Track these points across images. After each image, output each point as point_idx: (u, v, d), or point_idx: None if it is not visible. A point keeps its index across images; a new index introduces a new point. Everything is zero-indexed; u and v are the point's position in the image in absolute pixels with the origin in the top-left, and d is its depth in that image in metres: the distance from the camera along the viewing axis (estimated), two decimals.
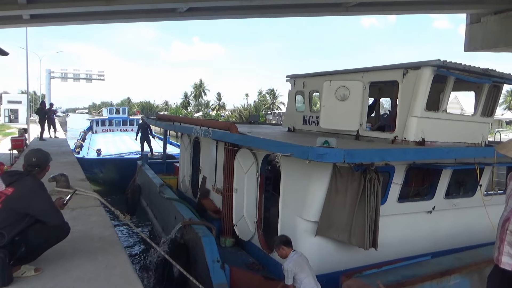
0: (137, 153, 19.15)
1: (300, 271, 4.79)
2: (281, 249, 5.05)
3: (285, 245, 5.07)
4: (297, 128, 9.24)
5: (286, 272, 4.86)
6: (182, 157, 11.33)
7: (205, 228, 6.81)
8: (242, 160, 7.38)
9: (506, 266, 3.21)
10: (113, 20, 15.26)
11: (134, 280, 4.12)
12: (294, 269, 4.80)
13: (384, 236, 5.68)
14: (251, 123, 13.10)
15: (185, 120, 11.01)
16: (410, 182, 6.94)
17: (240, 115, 66.57)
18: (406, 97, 6.62)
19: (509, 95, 70.11)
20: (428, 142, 6.60)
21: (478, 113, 7.27)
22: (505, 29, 14.18)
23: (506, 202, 3.35)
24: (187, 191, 10.59)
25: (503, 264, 3.23)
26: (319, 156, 4.65)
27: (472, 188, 7.23)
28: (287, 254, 5.03)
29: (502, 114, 57.31)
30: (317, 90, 8.54)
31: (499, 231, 3.34)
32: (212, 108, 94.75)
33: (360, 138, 7.38)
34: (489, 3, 14.05)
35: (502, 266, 3.24)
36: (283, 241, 5.10)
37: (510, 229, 3.19)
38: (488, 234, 7.37)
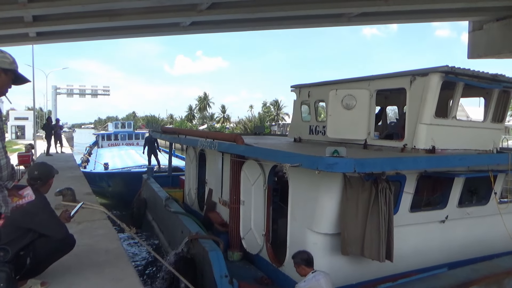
0: (143, 167, 19.13)
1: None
2: (301, 268, 4.79)
3: (306, 265, 4.79)
4: (303, 138, 9.12)
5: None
6: (187, 170, 11.23)
7: (212, 242, 6.66)
8: (248, 172, 7.26)
9: None
10: (117, 36, 15.40)
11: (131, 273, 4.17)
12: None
13: (397, 247, 5.51)
14: (256, 134, 13.01)
15: (190, 133, 10.94)
16: (421, 191, 6.77)
17: (244, 126, 66.63)
18: (414, 105, 6.49)
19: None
20: (438, 150, 6.45)
21: (488, 119, 7.12)
22: (508, 35, 14.11)
23: None
24: (193, 204, 10.47)
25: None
26: (329, 166, 4.53)
27: (485, 196, 7.05)
28: (306, 274, 4.77)
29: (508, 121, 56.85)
30: (323, 100, 8.44)
31: None
32: (217, 120, 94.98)
33: (368, 147, 7.24)
34: (490, 10, 14.00)
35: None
36: (304, 260, 4.82)
37: None
38: (503, 243, 7.18)
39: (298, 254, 4.89)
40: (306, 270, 4.73)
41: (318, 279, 4.60)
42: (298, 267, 4.77)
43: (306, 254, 4.84)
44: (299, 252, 4.92)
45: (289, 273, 6.18)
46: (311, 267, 4.75)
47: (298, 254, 4.89)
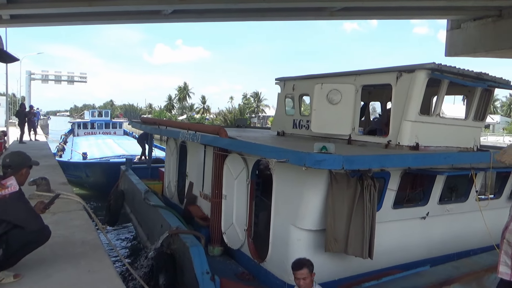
0: (122, 157, 18.82)
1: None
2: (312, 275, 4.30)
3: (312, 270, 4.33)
4: (286, 132, 9.03)
5: None
6: (168, 162, 10.98)
7: (194, 238, 6.51)
8: (231, 166, 7.12)
9: (504, 276, 3.10)
10: (96, 21, 14.88)
11: (119, 285, 4.00)
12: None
13: (379, 244, 5.50)
14: (239, 127, 12.84)
15: (172, 124, 10.67)
16: (403, 188, 6.80)
17: (225, 118, 66.30)
18: (400, 101, 6.48)
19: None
20: (422, 147, 6.48)
21: (470, 117, 7.19)
22: (484, 35, 14.45)
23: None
24: (173, 197, 10.26)
25: (500, 274, 3.13)
26: (316, 162, 4.43)
27: (465, 193, 7.14)
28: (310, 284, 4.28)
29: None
30: (308, 93, 8.35)
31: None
32: (197, 111, 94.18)
33: (353, 142, 7.21)
34: (468, 9, 14.26)
35: (499, 275, 3.13)
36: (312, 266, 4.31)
37: (507, 239, 3.09)
38: (480, 238, 7.31)
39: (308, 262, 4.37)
40: (311, 279, 4.33)
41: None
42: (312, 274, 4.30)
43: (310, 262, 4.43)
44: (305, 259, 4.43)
45: (271, 269, 6.11)
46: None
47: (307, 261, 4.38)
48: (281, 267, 5.80)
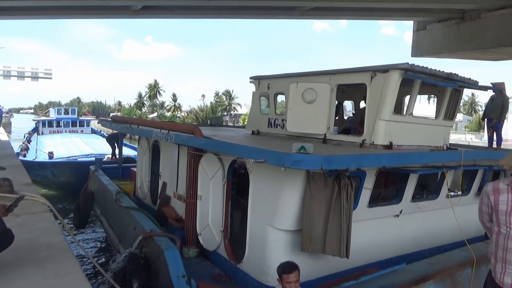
0: (91, 156, 18.23)
1: None
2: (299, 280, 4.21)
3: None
4: (261, 131, 8.97)
5: None
6: (140, 161, 10.69)
7: (168, 240, 6.34)
8: (207, 166, 6.99)
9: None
10: (63, 16, 14.35)
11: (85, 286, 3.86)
12: None
13: (355, 242, 5.54)
14: (212, 125, 12.69)
15: (144, 123, 10.39)
16: (378, 187, 6.89)
17: (196, 116, 65.65)
18: (374, 100, 6.55)
19: None
20: (395, 146, 6.58)
21: (440, 117, 7.38)
22: (448, 36, 14.98)
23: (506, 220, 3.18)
24: (146, 198, 10.00)
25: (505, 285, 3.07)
26: (295, 163, 4.39)
27: (435, 191, 7.32)
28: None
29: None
30: (283, 92, 8.33)
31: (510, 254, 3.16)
32: (168, 109, 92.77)
33: (328, 141, 7.25)
34: (433, 12, 14.74)
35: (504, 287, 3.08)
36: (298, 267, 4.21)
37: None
38: (450, 234, 7.54)
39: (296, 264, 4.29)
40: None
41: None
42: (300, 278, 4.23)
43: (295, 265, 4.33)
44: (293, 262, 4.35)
45: (248, 270, 6.04)
46: None
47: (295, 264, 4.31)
48: (259, 268, 5.74)
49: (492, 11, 13.31)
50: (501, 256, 3.18)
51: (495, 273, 3.24)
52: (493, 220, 3.29)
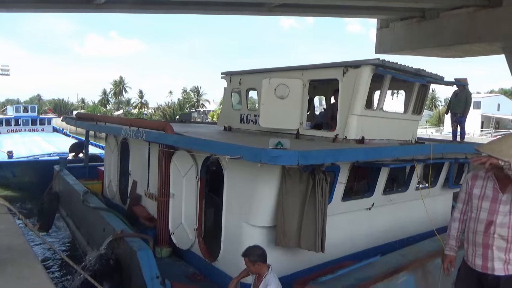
0: (53, 155, 17.51)
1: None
2: (257, 265, 4.26)
3: (263, 261, 4.26)
4: (233, 127, 8.89)
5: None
6: (107, 160, 10.33)
7: (141, 241, 6.16)
8: (179, 163, 6.84)
9: (499, 272, 3.12)
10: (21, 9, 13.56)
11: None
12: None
13: (329, 236, 5.59)
14: (182, 122, 12.45)
15: (111, 120, 10.04)
16: (351, 181, 6.99)
17: (163, 113, 64.55)
18: (346, 96, 6.62)
19: None
20: (367, 140, 6.68)
21: (409, 111, 7.57)
22: (410, 34, 15.50)
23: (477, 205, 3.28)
24: (115, 198, 9.68)
25: (496, 271, 3.13)
26: (272, 158, 4.35)
27: (405, 184, 7.52)
28: (262, 271, 4.25)
29: None
30: (255, 88, 8.27)
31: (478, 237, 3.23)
32: (134, 106, 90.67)
33: (300, 137, 7.27)
34: (395, 10, 15.18)
35: (496, 273, 3.14)
36: (261, 256, 4.24)
37: (498, 233, 3.11)
38: (419, 225, 7.78)
39: (253, 251, 4.32)
40: (262, 267, 4.27)
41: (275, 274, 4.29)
42: (254, 264, 4.25)
43: (261, 250, 4.34)
44: (253, 249, 4.36)
45: (224, 268, 5.97)
46: (266, 263, 4.35)
47: (253, 251, 4.32)
48: (234, 265, 5.66)
49: (449, 10, 13.85)
50: (472, 239, 3.29)
51: (467, 257, 3.34)
52: (469, 206, 3.39)
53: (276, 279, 4.22)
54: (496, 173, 3.14)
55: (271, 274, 4.26)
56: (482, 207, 3.22)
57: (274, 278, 4.23)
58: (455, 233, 3.57)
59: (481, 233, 3.19)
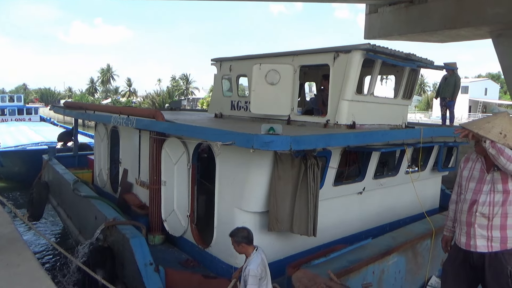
0: (41, 144, 17.27)
1: (263, 278, 4.21)
2: (241, 246, 4.32)
3: (248, 242, 4.31)
4: (224, 114, 8.85)
5: (252, 279, 4.11)
6: (97, 149, 10.23)
7: (133, 228, 6.16)
8: (170, 150, 6.80)
9: (482, 249, 3.20)
10: None
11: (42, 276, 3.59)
12: (260, 276, 4.15)
13: (321, 220, 5.65)
14: (172, 110, 12.36)
15: (101, 108, 9.92)
16: (342, 166, 7.04)
17: (153, 101, 63.88)
18: (337, 81, 6.61)
19: None
20: (358, 125, 6.71)
21: (399, 96, 7.60)
22: (398, 19, 15.47)
23: (465, 185, 3.35)
24: (106, 186, 9.63)
25: (479, 248, 3.21)
26: (265, 144, 4.35)
27: (395, 168, 7.60)
28: (249, 253, 4.31)
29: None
30: (245, 74, 8.22)
31: (463, 216, 3.32)
32: (122, 94, 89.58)
33: (292, 122, 7.27)
34: None
35: (478, 250, 3.22)
36: (245, 238, 4.31)
37: (480, 211, 3.19)
38: (408, 208, 7.92)
39: (238, 232, 4.37)
40: (248, 249, 4.32)
41: (262, 255, 4.31)
42: (238, 245, 4.32)
43: (247, 231, 4.37)
44: (239, 230, 4.41)
45: (217, 254, 6.01)
46: (253, 245, 4.37)
47: (238, 232, 4.37)
48: (227, 251, 5.70)
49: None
50: (459, 218, 3.38)
51: (456, 235, 3.43)
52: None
53: (258, 260, 4.22)
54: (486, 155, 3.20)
55: (255, 255, 4.28)
56: (469, 187, 3.30)
57: (256, 258, 4.24)
58: (452, 215, 3.65)
59: (466, 212, 3.27)
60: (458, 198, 3.51)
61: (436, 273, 6.25)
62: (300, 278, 4.35)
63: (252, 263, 4.19)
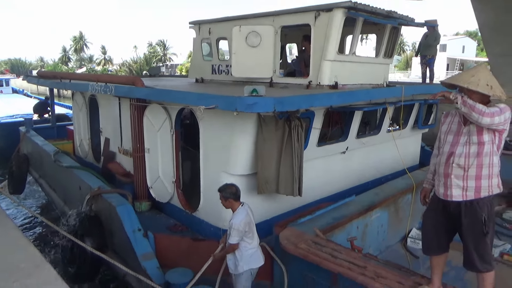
0: (16, 116, 16.74)
1: (247, 232, 4.35)
2: (229, 201, 4.43)
3: (235, 199, 4.44)
4: (205, 79, 8.70)
5: (234, 231, 4.29)
6: (76, 119, 9.99)
7: (119, 196, 6.15)
8: (152, 117, 6.70)
9: (458, 198, 3.33)
10: None
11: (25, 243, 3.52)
12: (244, 230, 4.31)
13: (306, 180, 5.76)
14: (151, 76, 12.06)
15: (77, 77, 9.58)
16: (326, 126, 7.10)
17: (130, 69, 62.11)
18: (319, 41, 6.53)
19: None
20: (340, 86, 6.71)
21: (381, 55, 7.59)
22: None
23: (443, 139, 3.44)
24: (88, 156, 9.50)
25: (454, 197, 3.34)
26: (248, 106, 4.32)
27: (377, 127, 7.72)
28: (234, 207, 4.45)
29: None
30: (225, 37, 8.02)
31: (441, 168, 3.42)
32: (97, 62, 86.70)
33: (274, 85, 7.22)
34: None
35: (454, 199, 3.34)
36: (233, 194, 4.43)
37: (456, 162, 3.29)
38: (389, 166, 8.12)
39: (226, 188, 4.47)
40: (234, 204, 4.44)
41: (248, 211, 4.43)
42: (226, 200, 4.43)
43: (235, 188, 4.48)
44: (227, 186, 4.50)
45: (205, 217, 6.09)
46: (239, 201, 4.49)
47: (227, 188, 4.47)
48: (215, 214, 5.80)
49: None
50: (437, 170, 3.51)
51: (435, 187, 3.55)
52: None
53: (243, 215, 4.36)
54: None
55: (240, 210, 4.43)
56: (447, 140, 3.41)
57: (241, 213, 4.38)
58: (432, 168, 3.76)
59: (443, 164, 3.39)
60: (438, 152, 3.61)
61: (416, 226, 6.52)
62: (287, 236, 4.48)
63: (235, 217, 4.34)
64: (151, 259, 5.23)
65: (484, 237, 3.24)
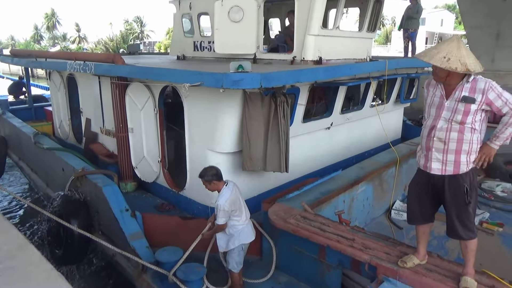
0: None
1: (234, 210, 4.34)
2: (213, 184, 4.41)
3: (218, 179, 4.41)
4: (187, 56, 8.53)
5: (220, 212, 4.28)
6: (55, 99, 9.69)
7: (104, 177, 6.06)
8: (134, 96, 6.56)
9: (436, 172, 3.40)
10: None
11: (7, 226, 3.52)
12: (230, 209, 4.30)
13: (292, 156, 5.79)
14: (131, 54, 11.74)
15: (53, 55, 9.23)
16: (310, 102, 7.10)
17: (106, 47, 60.32)
18: (302, 16, 6.44)
19: None
20: (324, 61, 6.69)
21: (364, 29, 7.56)
22: None
23: (428, 112, 3.47)
24: (68, 138, 9.29)
25: (433, 170, 3.41)
26: (234, 83, 4.26)
27: (361, 102, 7.77)
28: (219, 188, 4.43)
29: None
30: (207, 12, 7.83)
31: (424, 141, 3.48)
32: (72, 40, 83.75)
33: (258, 61, 7.13)
34: None
35: (432, 172, 3.42)
36: (215, 175, 4.40)
37: (437, 136, 3.34)
38: (373, 140, 8.24)
39: (206, 172, 4.44)
40: (218, 185, 4.42)
41: (233, 189, 4.42)
42: (210, 183, 4.42)
43: (215, 169, 4.46)
44: (206, 170, 4.48)
45: (192, 196, 6.09)
46: (222, 180, 4.48)
47: (207, 171, 4.44)
48: (202, 192, 5.75)
49: None
50: (421, 143, 3.57)
51: (418, 159, 3.62)
52: None
53: (228, 194, 4.34)
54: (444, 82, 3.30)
55: (224, 190, 4.40)
56: (430, 114, 3.44)
57: (225, 193, 4.36)
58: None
59: (425, 137, 3.45)
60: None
61: (399, 198, 6.69)
62: (276, 212, 4.53)
63: (220, 198, 4.31)
64: (140, 239, 5.20)
65: (467, 207, 3.34)
